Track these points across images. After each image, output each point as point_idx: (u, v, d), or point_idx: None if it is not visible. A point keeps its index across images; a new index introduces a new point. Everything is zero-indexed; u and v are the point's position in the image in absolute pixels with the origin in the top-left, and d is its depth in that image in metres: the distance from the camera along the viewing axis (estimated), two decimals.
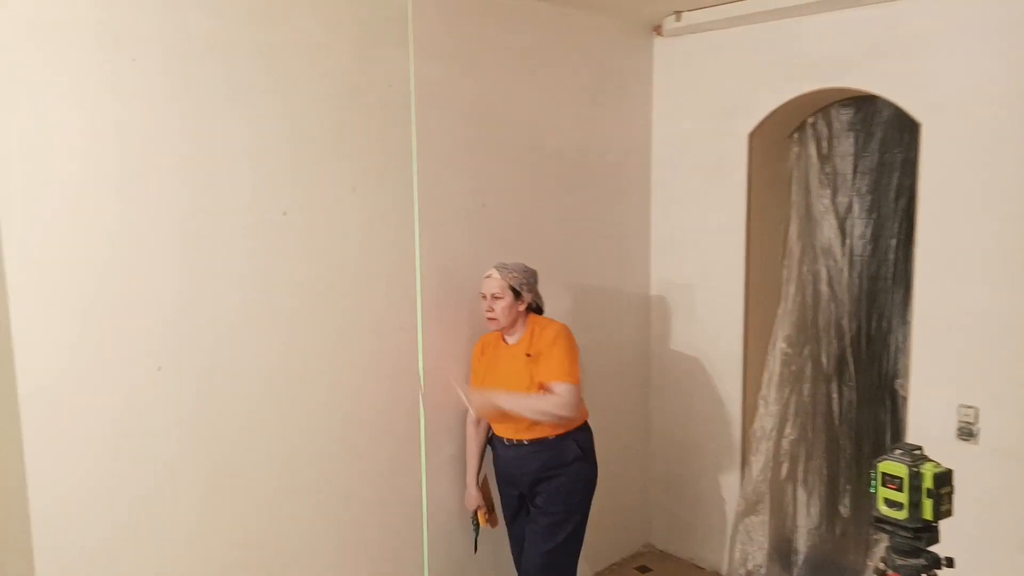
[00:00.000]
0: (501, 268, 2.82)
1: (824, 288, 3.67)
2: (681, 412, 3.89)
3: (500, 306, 2.78)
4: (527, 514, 2.95)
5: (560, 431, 2.81)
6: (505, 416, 2.76)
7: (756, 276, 3.61)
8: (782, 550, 3.58)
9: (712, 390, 3.74)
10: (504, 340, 2.90)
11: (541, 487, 2.84)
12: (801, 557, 3.64)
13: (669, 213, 3.84)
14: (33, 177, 1.95)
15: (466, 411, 2.92)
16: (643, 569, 3.88)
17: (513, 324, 2.85)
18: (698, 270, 3.74)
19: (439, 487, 3.00)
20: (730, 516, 3.72)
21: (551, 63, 3.33)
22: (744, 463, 3.68)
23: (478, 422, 2.97)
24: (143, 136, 2.13)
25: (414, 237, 2.82)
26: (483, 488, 3.03)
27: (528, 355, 2.80)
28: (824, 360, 3.70)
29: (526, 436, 2.81)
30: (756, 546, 3.60)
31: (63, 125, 1.99)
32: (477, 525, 3.03)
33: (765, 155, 3.57)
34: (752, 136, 3.48)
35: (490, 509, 3.06)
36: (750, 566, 3.61)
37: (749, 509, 3.62)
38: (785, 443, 3.60)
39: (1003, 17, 2.70)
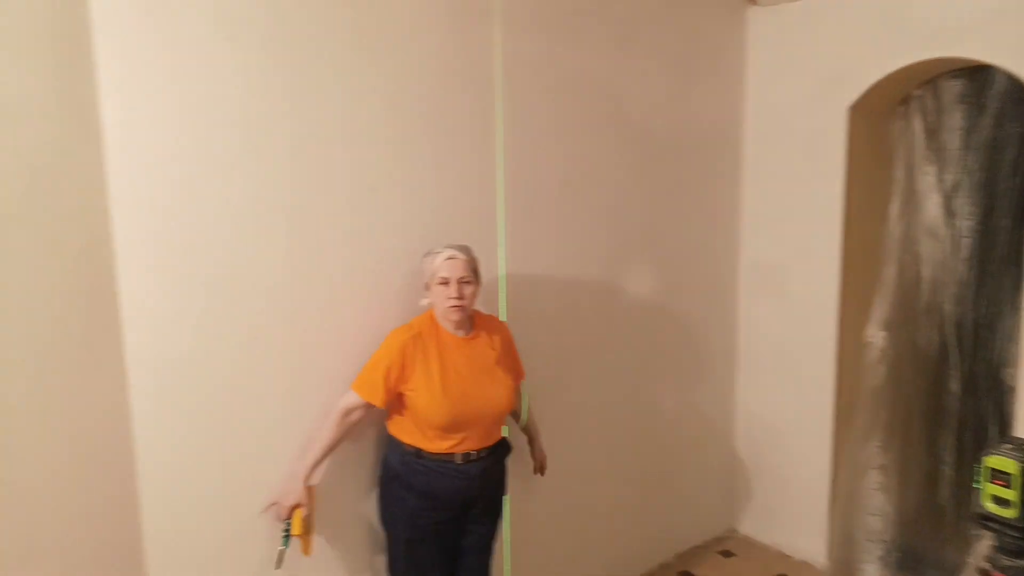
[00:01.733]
0: (462, 248, 2.41)
1: (926, 270, 3.49)
2: (770, 395, 3.79)
3: (470, 292, 2.38)
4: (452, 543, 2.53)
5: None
6: (478, 423, 2.40)
7: (853, 257, 3.47)
8: (877, 542, 3.46)
9: (803, 374, 3.63)
10: (447, 333, 2.43)
11: (494, 496, 2.58)
12: (897, 550, 3.51)
13: (761, 191, 3.72)
14: (140, 154, 2.03)
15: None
16: (727, 554, 3.82)
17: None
18: (791, 250, 3.61)
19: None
20: (820, 504, 3.61)
21: (641, 35, 3.25)
22: (836, 450, 3.56)
23: (348, 413, 2.35)
24: (243, 115, 2.19)
25: (498, 213, 2.82)
26: (310, 492, 2.34)
27: (493, 349, 2.53)
28: (924, 346, 3.53)
29: (490, 444, 2.48)
30: (850, 537, 3.49)
31: (167, 103, 2.07)
32: (288, 533, 2.31)
33: (866, 130, 3.41)
34: (853, 110, 3.32)
35: (308, 526, 2.35)
36: (843, 557, 3.50)
37: (842, 499, 3.50)
38: (881, 432, 3.46)
39: None
